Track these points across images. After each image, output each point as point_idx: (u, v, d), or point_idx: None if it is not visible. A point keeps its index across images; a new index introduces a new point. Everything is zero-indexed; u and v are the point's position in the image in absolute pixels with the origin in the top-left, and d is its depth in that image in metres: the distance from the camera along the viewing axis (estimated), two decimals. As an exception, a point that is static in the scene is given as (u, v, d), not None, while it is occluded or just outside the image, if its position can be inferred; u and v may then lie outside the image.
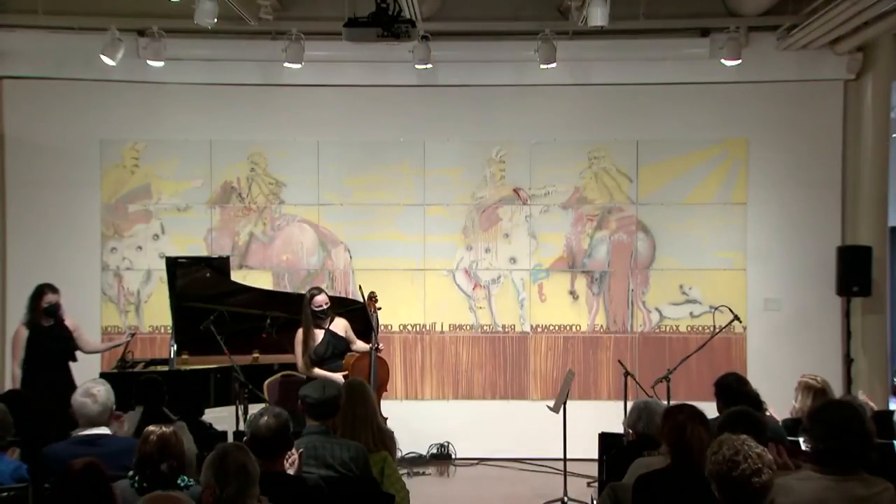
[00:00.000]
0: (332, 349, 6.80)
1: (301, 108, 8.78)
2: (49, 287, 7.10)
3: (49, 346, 6.98)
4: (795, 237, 8.71)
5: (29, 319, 7.05)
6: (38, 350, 6.95)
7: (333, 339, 6.84)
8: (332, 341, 6.83)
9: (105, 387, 4.68)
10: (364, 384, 4.98)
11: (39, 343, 6.97)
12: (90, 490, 3.27)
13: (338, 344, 6.83)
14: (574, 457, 7.03)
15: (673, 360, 7.81)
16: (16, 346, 7.00)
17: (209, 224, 8.81)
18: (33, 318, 7.03)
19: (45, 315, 7.01)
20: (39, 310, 7.02)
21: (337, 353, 6.81)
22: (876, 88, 8.46)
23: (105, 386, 4.69)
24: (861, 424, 3.45)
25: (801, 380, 5.31)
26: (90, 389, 4.62)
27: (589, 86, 8.77)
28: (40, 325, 7.01)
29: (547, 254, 8.81)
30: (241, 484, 3.32)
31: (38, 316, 7.02)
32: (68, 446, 4.54)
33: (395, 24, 6.19)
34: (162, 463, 3.70)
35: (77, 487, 3.28)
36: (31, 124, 8.72)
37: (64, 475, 3.35)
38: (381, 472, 4.60)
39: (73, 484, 3.30)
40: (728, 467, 3.17)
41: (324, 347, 6.79)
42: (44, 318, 7.02)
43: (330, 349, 6.79)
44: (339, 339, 6.86)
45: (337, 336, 6.86)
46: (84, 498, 3.26)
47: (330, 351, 6.79)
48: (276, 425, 3.93)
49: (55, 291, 7.09)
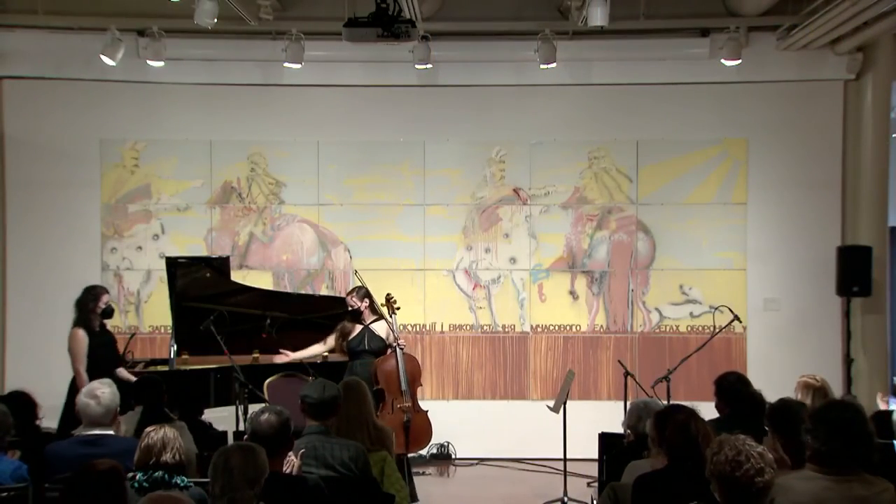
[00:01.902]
0: (365, 345, 7.17)
1: (301, 108, 8.78)
2: (104, 288, 6.93)
3: (102, 350, 6.75)
4: (795, 237, 8.71)
5: (84, 321, 6.73)
6: (94, 354, 6.69)
7: (369, 336, 7.21)
8: (367, 338, 7.20)
9: (111, 389, 4.68)
10: (360, 384, 4.98)
11: (95, 347, 6.71)
12: (108, 492, 3.26)
13: (372, 341, 7.19)
14: (574, 457, 7.03)
15: (673, 360, 7.81)
16: (79, 350, 6.65)
17: (209, 224, 8.81)
18: (88, 319, 6.75)
19: (101, 317, 6.80)
20: (95, 311, 6.76)
21: (370, 350, 7.16)
22: (876, 88, 8.46)
23: (111, 388, 4.69)
24: (862, 425, 3.45)
25: (801, 379, 5.31)
26: (95, 391, 4.63)
27: (589, 86, 8.77)
28: (93, 328, 6.77)
29: (547, 254, 8.81)
30: (225, 483, 3.34)
31: (94, 318, 6.76)
32: (70, 445, 4.56)
33: (395, 24, 6.19)
34: (161, 463, 3.71)
35: (96, 488, 3.29)
36: (31, 124, 8.71)
37: (84, 474, 3.35)
38: (381, 472, 4.61)
39: (92, 484, 3.30)
40: (731, 468, 3.17)
41: (357, 341, 7.20)
42: (98, 321, 6.80)
43: (363, 344, 7.17)
44: (375, 338, 7.21)
45: (374, 334, 7.22)
46: (101, 499, 3.26)
47: (363, 346, 7.17)
48: (277, 423, 3.95)
49: (108, 292, 6.92)
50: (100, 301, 6.78)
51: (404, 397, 6.97)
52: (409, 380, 7.03)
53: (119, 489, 3.31)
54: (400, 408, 6.95)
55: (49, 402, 5.76)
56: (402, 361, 7.04)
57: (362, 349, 7.15)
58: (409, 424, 6.92)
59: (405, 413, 6.94)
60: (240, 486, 3.36)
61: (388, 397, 6.96)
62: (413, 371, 7.18)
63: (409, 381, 7.04)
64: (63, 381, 6.93)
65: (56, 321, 8.57)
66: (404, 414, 6.94)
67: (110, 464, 3.39)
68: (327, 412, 4.50)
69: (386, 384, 7.00)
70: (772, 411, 4.15)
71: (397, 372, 6.99)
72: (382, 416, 6.70)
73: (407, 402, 6.98)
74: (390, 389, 6.99)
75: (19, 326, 8.66)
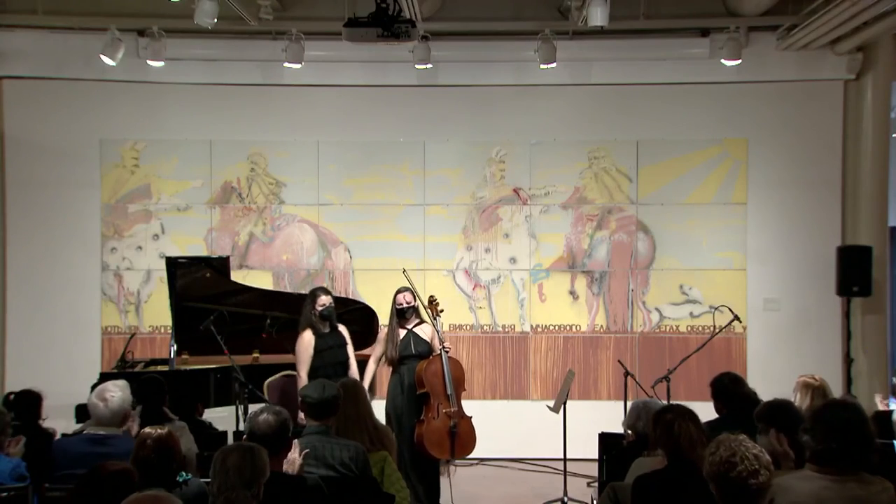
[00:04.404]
0: (412, 349, 6.78)
1: (301, 108, 8.78)
2: (322, 290, 6.77)
3: (327, 354, 6.60)
4: (795, 237, 8.71)
5: (308, 324, 6.63)
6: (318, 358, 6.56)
7: (415, 340, 6.82)
8: (414, 342, 6.81)
9: (121, 393, 4.66)
10: (357, 384, 4.96)
11: (319, 350, 6.57)
12: (117, 493, 3.27)
13: (418, 345, 6.80)
14: (574, 457, 7.03)
15: (673, 360, 7.81)
16: (304, 352, 6.57)
17: (209, 224, 8.81)
18: (311, 323, 6.63)
19: (320, 319, 6.63)
20: (314, 314, 6.62)
21: (417, 355, 6.77)
22: (876, 88, 8.47)
23: (122, 392, 4.67)
24: (861, 425, 3.45)
25: (800, 379, 5.31)
26: (104, 393, 4.63)
27: (589, 86, 8.77)
28: (320, 331, 6.63)
29: (547, 254, 8.81)
30: (221, 482, 3.35)
31: (316, 321, 6.62)
32: (77, 443, 4.59)
33: (395, 24, 6.19)
34: (159, 464, 3.71)
35: (105, 489, 3.29)
36: (31, 124, 8.72)
37: (94, 475, 3.35)
38: (381, 472, 4.61)
39: (102, 485, 3.31)
40: (725, 468, 3.18)
41: (403, 346, 6.80)
42: (320, 323, 6.64)
43: (410, 348, 6.78)
44: (421, 342, 6.83)
45: (420, 338, 6.83)
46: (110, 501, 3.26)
47: (410, 350, 6.78)
48: (275, 423, 3.95)
49: (327, 293, 6.72)
50: (316, 303, 6.65)
51: (450, 402, 6.65)
52: (454, 384, 6.73)
53: (128, 492, 3.32)
54: (446, 413, 6.64)
55: (49, 401, 5.73)
56: (447, 365, 6.69)
57: (409, 353, 6.79)
58: (455, 430, 6.60)
59: (451, 419, 6.62)
60: (235, 486, 3.36)
61: (434, 402, 6.63)
62: (458, 375, 6.82)
63: (455, 386, 6.71)
64: (63, 381, 6.94)
65: (56, 321, 8.63)
66: (450, 419, 6.62)
67: (122, 466, 3.41)
68: (327, 412, 4.49)
69: (431, 389, 6.65)
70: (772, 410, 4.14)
71: (443, 376, 6.66)
72: (427, 422, 6.54)
73: (453, 407, 6.65)
74: (436, 394, 6.65)
75: (19, 326, 8.67)
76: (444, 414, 6.64)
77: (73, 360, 8.44)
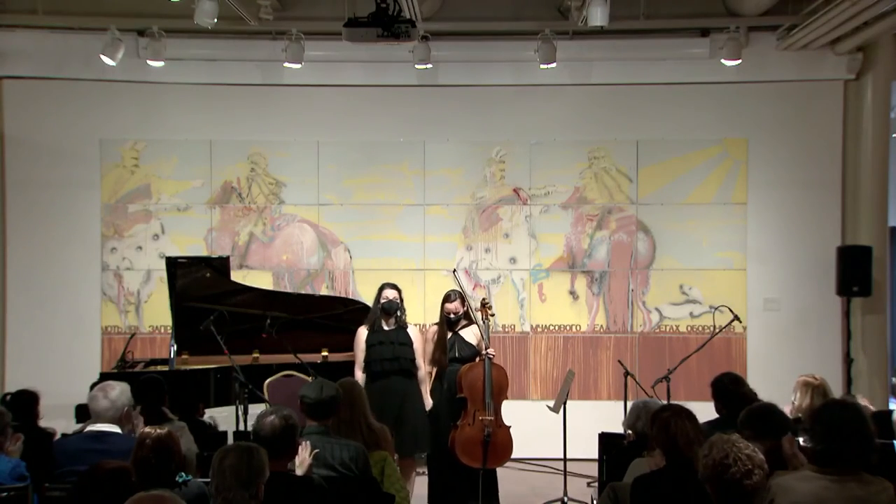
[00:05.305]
0: (456, 352, 6.68)
1: (301, 108, 8.78)
2: (388, 285, 6.67)
3: (375, 350, 6.52)
4: (795, 237, 8.71)
5: (374, 318, 6.60)
6: (371, 354, 6.53)
7: (459, 344, 6.72)
8: (458, 345, 6.71)
9: (121, 387, 4.70)
10: (353, 385, 4.94)
11: (373, 345, 6.53)
12: (114, 492, 3.26)
13: (463, 349, 6.69)
14: (574, 457, 7.03)
15: (673, 360, 7.81)
16: (356, 347, 6.56)
17: (209, 224, 8.81)
18: (373, 317, 6.60)
19: (383, 313, 6.57)
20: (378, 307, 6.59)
21: (460, 359, 6.66)
22: (876, 88, 8.47)
23: (122, 386, 4.71)
24: (862, 425, 3.45)
25: (800, 378, 5.31)
26: (106, 387, 4.67)
27: (589, 86, 8.77)
28: (375, 326, 6.58)
29: (547, 254, 8.81)
30: (219, 482, 3.36)
31: (380, 315, 6.58)
32: (76, 440, 4.60)
33: (395, 24, 6.19)
34: (158, 464, 3.71)
35: (102, 488, 3.29)
36: (31, 124, 8.72)
37: (91, 474, 3.35)
38: (381, 472, 4.60)
39: (99, 484, 3.31)
40: (719, 470, 3.17)
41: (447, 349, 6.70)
42: (383, 317, 6.59)
43: (454, 352, 6.68)
44: (466, 346, 6.72)
45: (464, 342, 6.73)
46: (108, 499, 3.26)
47: (454, 353, 6.67)
48: (279, 426, 3.92)
49: (394, 288, 6.61)
50: (380, 297, 6.61)
51: (487, 410, 6.43)
52: (494, 391, 6.48)
53: (126, 490, 3.32)
54: (481, 420, 6.42)
55: (48, 401, 5.74)
56: (489, 371, 6.48)
57: (452, 356, 6.66)
58: (489, 439, 6.38)
59: (486, 427, 6.40)
60: (232, 487, 3.35)
61: (471, 408, 6.45)
62: (500, 382, 6.58)
63: (495, 394, 6.49)
64: (63, 381, 6.94)
65: (56, 321, 8.63)
66: (485, 428, 6.40)
67: (118, 465, 3.40)
68: (326, 412, 4.48)
69: (469, 394, 6.47)
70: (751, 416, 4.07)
71: (482, 382, 6.45)
72: (462, 428, 6.41)
73: (490, 416, 6.43)
74: (473, 400, 6.47)
75: (19, 326, 8.67)
76: (480, 421, 6.44)
77: (73, 360, 8.44)
